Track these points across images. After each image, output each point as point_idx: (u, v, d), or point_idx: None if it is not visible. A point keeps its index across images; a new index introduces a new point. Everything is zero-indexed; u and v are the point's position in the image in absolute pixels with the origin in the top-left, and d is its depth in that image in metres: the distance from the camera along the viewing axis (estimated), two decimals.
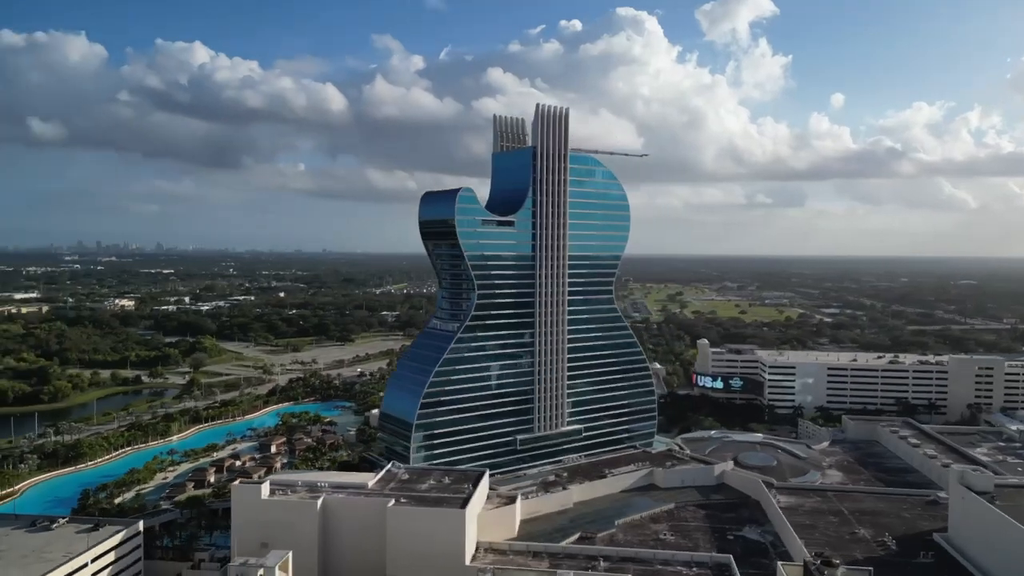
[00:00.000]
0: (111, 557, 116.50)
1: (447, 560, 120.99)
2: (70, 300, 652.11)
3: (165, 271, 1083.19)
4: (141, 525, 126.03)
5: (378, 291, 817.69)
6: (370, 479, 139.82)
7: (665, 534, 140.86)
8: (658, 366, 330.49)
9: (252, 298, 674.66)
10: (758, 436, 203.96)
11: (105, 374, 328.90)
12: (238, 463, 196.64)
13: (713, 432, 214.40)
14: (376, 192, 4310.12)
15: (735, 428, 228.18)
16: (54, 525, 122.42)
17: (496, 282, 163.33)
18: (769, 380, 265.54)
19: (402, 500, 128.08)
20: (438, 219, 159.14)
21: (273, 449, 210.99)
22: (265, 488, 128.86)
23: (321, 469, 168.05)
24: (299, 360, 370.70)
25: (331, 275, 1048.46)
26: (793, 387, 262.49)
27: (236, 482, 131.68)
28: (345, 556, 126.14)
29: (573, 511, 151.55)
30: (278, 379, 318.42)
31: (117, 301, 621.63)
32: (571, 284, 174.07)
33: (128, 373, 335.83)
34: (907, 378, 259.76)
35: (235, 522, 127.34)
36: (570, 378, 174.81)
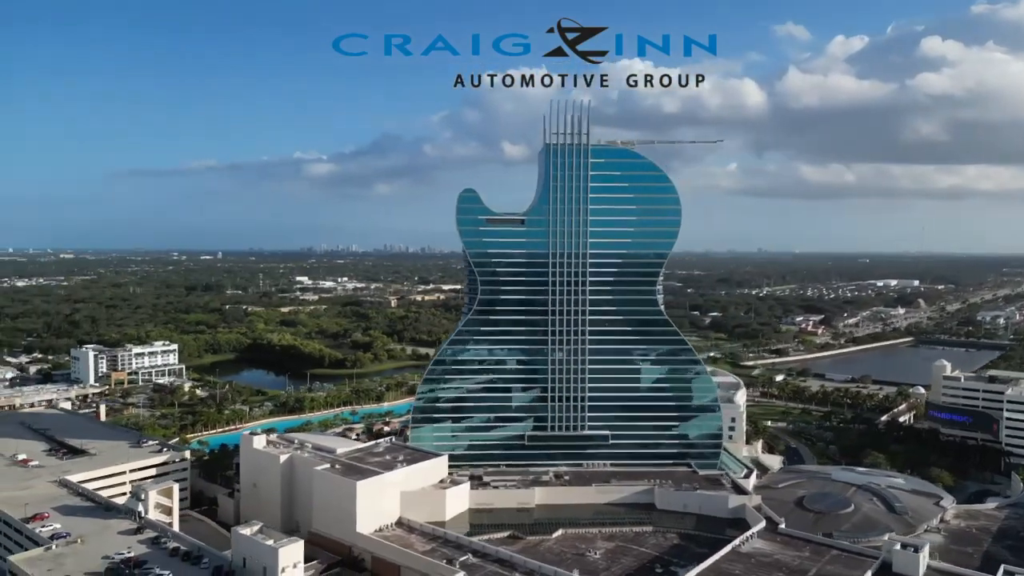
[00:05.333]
0: (151, 472, 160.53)
1: (345, 523, 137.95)
2: None
3: None
4: (187, 453, 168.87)
5: (757, 292, 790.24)
6: (350, 447, 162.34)
7: (592, 552, 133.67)
8: (922, 391, 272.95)
9: None
10: (862, 478, 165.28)
11: (410, 350, 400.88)
12: (386, 428, 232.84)
13: (833, 467, 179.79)
14: (809, 188, 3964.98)
15: (919, 470, 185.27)
16: (144, 444, 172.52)
17: (502, 279, 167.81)
18: (1008, 418, 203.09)
19: (336, 467, 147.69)
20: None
21: None
22: (260, 440, 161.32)
23: None
24: None
25: (733, 273, 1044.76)
26: None
27: (245, 433, 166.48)
28: (297, 502, 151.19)
29: (536, 511, 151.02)
30: None
31: None
32: (596, 284, 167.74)
33: (425, 351, 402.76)
34: None
35: (240, 464, 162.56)
36: (593, 382, 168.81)
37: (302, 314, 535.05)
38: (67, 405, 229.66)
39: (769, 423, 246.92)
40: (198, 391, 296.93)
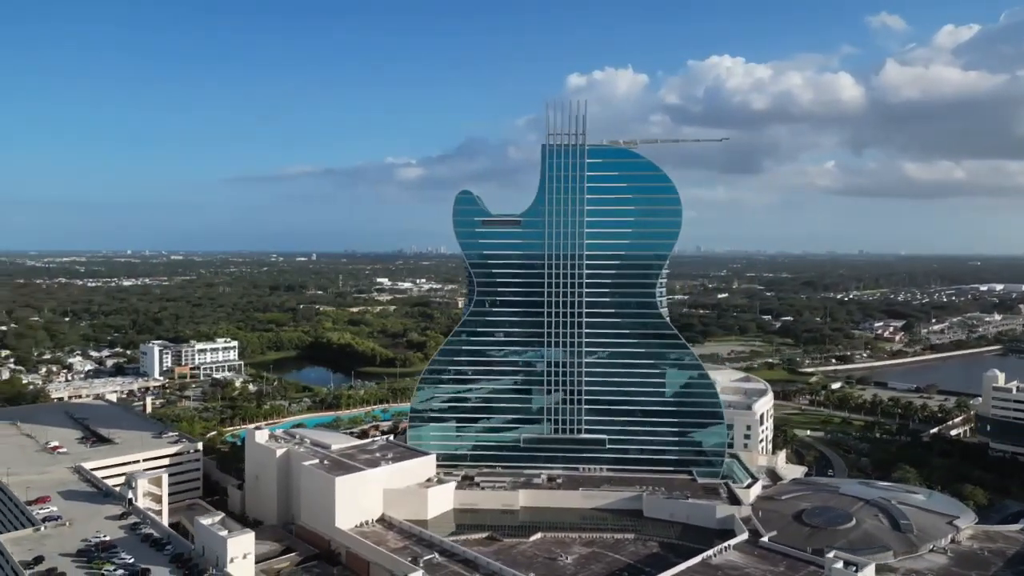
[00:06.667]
0: (165, 461, 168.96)
1: (326, 518, 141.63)
2: None
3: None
4: (200, 445, 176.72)
5: (843, 296, 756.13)
6: (345, 443, 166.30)
7: (565, 557, 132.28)
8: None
9: (684, 297, 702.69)
10: (875, 493, 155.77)
11: None
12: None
13: (845, 480, 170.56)
14: (915, 186, 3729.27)
15: (952, 486, 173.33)
16: (164, 435, 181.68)
17: (498, 280, 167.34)
18: None
19: (325, 462, 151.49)
20: None
21: None
22: (262, 435, 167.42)
23: None
24: None
25: (825, 276, 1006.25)
26: None
27: (250, 428, 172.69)
28: (290, 492, 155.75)
29: (521, 514, 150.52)
30: None
31: None
32: (593, 286, 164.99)
33: None
34: None
35: (246, 457, 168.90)
36: (590, 385, 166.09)
37: (369, 314, 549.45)
38: (113, 398, 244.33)
39: (808, 432, 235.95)
40: (250, 386, 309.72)
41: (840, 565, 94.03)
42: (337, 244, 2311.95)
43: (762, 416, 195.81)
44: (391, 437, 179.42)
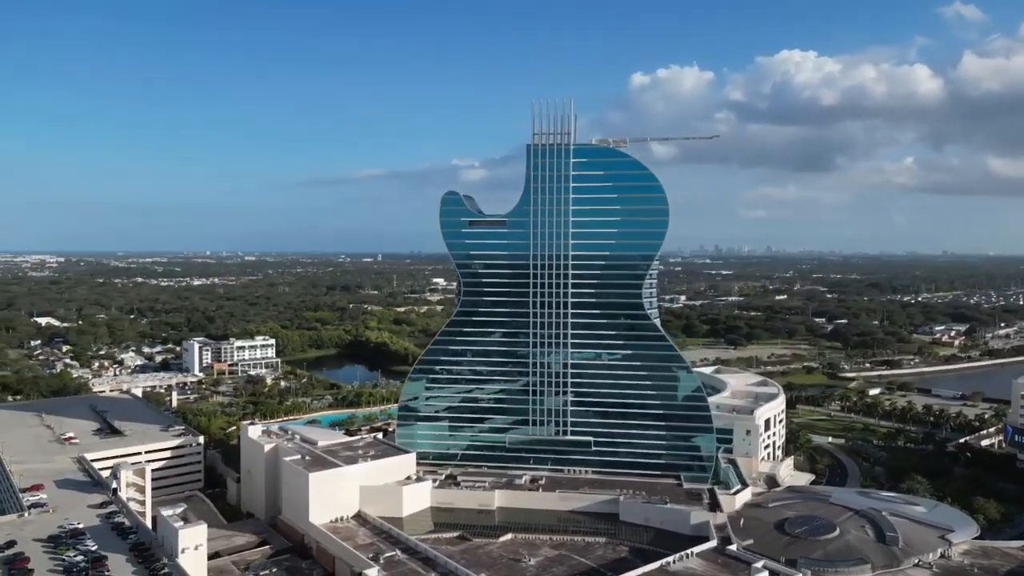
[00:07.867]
0: (167, 453, 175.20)
1: (302, 512, 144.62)
2: None
3: (724, 272, 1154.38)
4: (201, 438, 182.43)
5: (911, 297, 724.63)
6: (331, 440, 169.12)
7: (529, 558, 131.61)
8: None
9: (739, 299, 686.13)
10: (867, 503, 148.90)
11: None
12: None
13: (837, 489, 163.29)
14: (1001, 183, 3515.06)
15: (964, 499, 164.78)
16: (170, 429, 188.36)
17: (484, 281, 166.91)
18: None
19: (306, 458, 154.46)
20: None
21: None
22: (255, 430, 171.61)
23: None
24: None
25: (897, 277, 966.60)
26: None
27: (245, 422, 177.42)
28: (276, 487, 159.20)
29: (498, 514, 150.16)
30: None
31: None
32: (579, 287, 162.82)
33: None
34: None
35: (241, 452, 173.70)
36: (576, 387, 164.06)
37: (415, 313, 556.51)
38: (138, 392, 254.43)
39: (829, 439, 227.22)
40: (282, 382, 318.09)
41: (766, 574, 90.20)
42: (403, 245, 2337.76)
43: (768, 421, 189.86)
44: (380, 435, 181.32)
